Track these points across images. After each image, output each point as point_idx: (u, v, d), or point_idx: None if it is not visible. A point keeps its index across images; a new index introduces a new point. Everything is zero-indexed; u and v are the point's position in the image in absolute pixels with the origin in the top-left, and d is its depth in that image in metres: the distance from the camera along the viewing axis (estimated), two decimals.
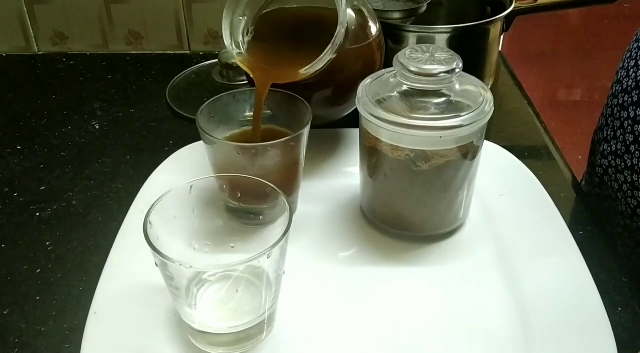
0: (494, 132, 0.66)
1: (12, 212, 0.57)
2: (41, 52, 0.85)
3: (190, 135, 0.63)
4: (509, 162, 0.60)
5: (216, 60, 0.78)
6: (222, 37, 0.52)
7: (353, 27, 0.54)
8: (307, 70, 0.50)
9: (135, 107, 0.73)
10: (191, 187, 0.44)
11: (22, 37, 0.84)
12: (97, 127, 0.70)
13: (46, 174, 0.62)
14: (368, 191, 0.53)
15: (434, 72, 0.46)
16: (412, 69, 0.46)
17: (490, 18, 0.65)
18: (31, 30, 0.84)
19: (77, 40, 0.84)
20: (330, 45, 0.49)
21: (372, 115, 0.47)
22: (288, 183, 0.51)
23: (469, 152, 0.48)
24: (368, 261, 0.50)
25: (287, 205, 0.41)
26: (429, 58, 0.47)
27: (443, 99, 0.48)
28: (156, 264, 0.39)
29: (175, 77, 0.77)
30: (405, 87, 0.48)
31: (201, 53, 0.85)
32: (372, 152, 0.50)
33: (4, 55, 0.85)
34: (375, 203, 0.53)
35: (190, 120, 0.69)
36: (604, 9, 2.55)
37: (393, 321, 0.45)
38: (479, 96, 0.48)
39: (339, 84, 0.55)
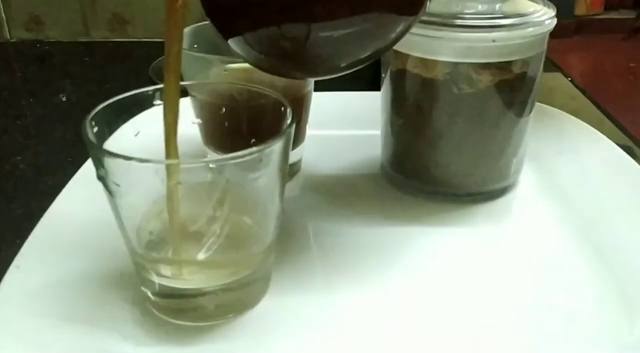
0: None
1: None
2: (14, 39, 0.76)
3: None
4: (563, 118, 0.48)
5: None
6: None
7: None
8: None
9: (113, 83, 0.63)
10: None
11: None
12: (64, 99, 0.59)
13: None
14: (393, 139, 0.41)
15: None
16: None
17: None
18: (2, 13, 0.74)
19: (54, 26, 0.75)
20: None
21: None
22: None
23: (526, 72, 0.37)
24: (392, 224, 0.38)
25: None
26: None
27: (492, 2, 0.37)
28: (99, 177, 0.27)
29: (161, 57, 0.67)
30: None
31: None
32: (399, 79, 0.38)
33: None
34: (402, 153, 0.41)
35: None
36: None
37: (437, 295, 0.32)
38: (535, 6, 0.37)
39: None
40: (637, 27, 2.60)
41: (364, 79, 0.62)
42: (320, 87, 0.43)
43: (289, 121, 0.28)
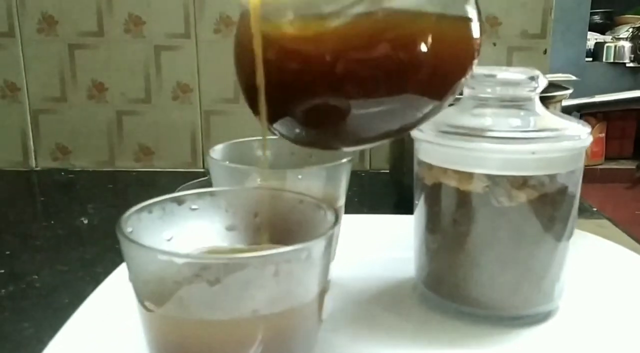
0: None
1: None
2: (39, 168, 0.77)
3: None
4: (600, 243, 0.46)
5: None
6: None
7: None
8: None
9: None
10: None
11: (20, 150, 0.76)
12: (86, 222, 0.58)
13: (11, 260, 0.49)
14: (429, 257, 0.39)
15: (515, 77, 0.36)
16: (486, 73, 0.37)
17: None
18: (32, 143, 0.76)
19: (80, 155, 0.76)
20: None
21: (437, 132, 0.36)
22: None
23: (566, 187, 0.36)
24: (429, 347, 0.35)
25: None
26: (503, 70, 0.38)
27: (525, 118, 0.37)
28: (131, 280, 0.25)
29: (186, 184, 0.68)
30: (476, 105, 0.38)
31: None
32: (435, 193, 0.38)
33: None
34: (439, 272, 0.39)
35: None
36: None
37: None
38: (568, 120, 0.38)
39: (397, 71, 0.28)
40: (639, 177, 2.66)
41: (388, 204, 0.62)
42: (347, 210, 0.42)
43: (332, 221, 0.27)
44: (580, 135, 0.35)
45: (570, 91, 0.57)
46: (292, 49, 0.27)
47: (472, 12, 0.29)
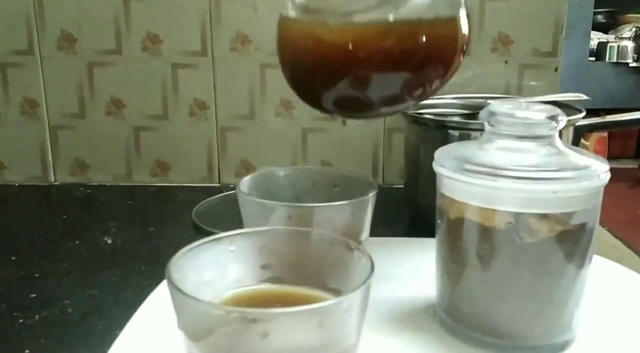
0: None
1: None
2: (57, 183, 0.78)
3: None
4: (616, 270, 0.48)
5: None
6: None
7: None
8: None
9: (156, 226, 0.64)
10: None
11: (39, 166, 0.78)
12: (110, 242, 0.59)
13: (41, 283, 0.51)
14: (450, 286, 0.41)
15: (535, 117, 0.38)
16: (506, 112, 0.38)
17: None
18: (50, 158, 0.78)
19: (98, 170, 0.78)
20: None
21: (458, 169, 0.38)
22: None
23: (585, 223, 0.37)
24: None
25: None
26: (524, 108, 0.39)
27: (545, 156, 0.38)
28: (180, 327, 0.27)
29: (203, 201, 0.69)
30: (497, 142, 0.39)
31: (231, 185, 0.78)
32: (458, 227, 0.39)
33: (17, 184, 0.78)
34: (460, 302, 0.40)
35: None
36: None
37: None
38: (586, 156, 0.39)
39: (400, 60, 0.39)
40: None
41: (403, 221, 0.64)
42: None
43: (367, 267, 0.28)
44: (599, 175, 0.37)
45: (583, 114, 0.58)
46: (332, 41, 0.38)
47: (461, 13, 0.40)
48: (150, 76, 0.75)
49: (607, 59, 2.92)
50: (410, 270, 0.48)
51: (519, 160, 0.38)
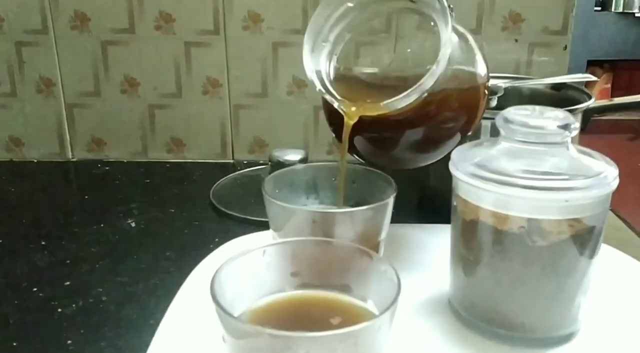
0: None
1: (28, 308, 0.48)
2: (75, 159, 0.80)
3: (240, 232, 0.56)
4: (621, 261, 0.50)
5: (263, 166, 0.72)
6: (310, 81, 0.46)
7: (457, 60, 0.45)
8: (399, 101, 0.42)
9: (176, 208, 0.66)
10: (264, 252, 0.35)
11: (56, 143, 0.79)
12: (133, 225, 0.62)
13: (73, 269, 0.53)
14: (464, 281, 0.43)
15: (548, 126, 0.40)
16: (520, 121, 0.40)
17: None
18: (67, 135, 0.79)
19: (114, 147, 0.79)
20: (427, 75, 0.41)
21: (473, 175, 0.40)
22: None
23: (595, 226, 0.40)
24: None
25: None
26: (538, 115, 0.41)
27: (558, 162, 0.40)
28: (224, 339, 0.30)
29: (220, 181, 0.71)
30: (510, 146, 0.41)
31: (245, 161, 0.80)
32: (471, 228, 0.41)
33: (36, 161, 0.80)
34: (473, 296, 0.43)
35: (236, 219, 0.62)
36: None
37: None
38: (597, 160, 0.41)
39: (433, 126, 0.47)
40: None
41: (411, 202, 0.66)
42: None
43: (395, 281, 0.30)
44: (609, 183, 0.39)
45: (592, 101, 0.60)
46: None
47: (480, 66, 0.47)
48: (164, 55, 0.76)
49: (612, 9, 2.89)
50: (424, 258, 0.51)
51: (532, 166, 0.39)
